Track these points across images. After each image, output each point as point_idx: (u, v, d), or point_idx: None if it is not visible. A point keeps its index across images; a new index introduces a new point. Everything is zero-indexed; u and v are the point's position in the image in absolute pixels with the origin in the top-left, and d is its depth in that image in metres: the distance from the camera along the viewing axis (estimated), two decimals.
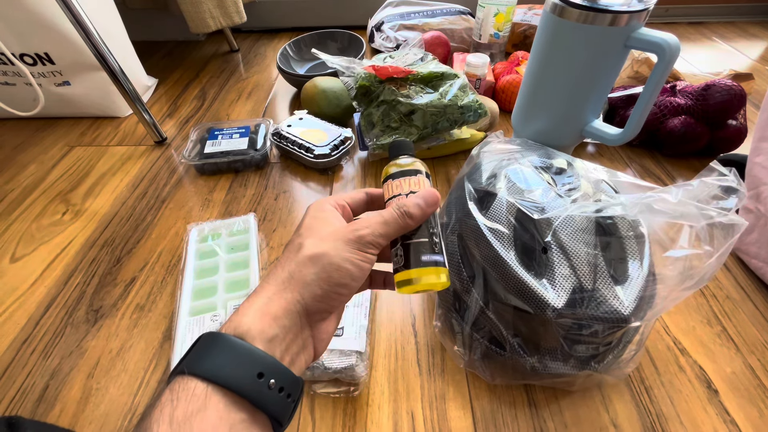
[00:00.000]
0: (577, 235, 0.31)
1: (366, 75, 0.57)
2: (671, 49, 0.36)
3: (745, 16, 1.10)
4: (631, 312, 0.29)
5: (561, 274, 0.30)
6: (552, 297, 0.29)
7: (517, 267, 0.31)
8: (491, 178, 0.37)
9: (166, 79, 0.89)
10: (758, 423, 0.35)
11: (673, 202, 0.29)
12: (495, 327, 0.33)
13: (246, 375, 0.18)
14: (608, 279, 0.30)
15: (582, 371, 0.33)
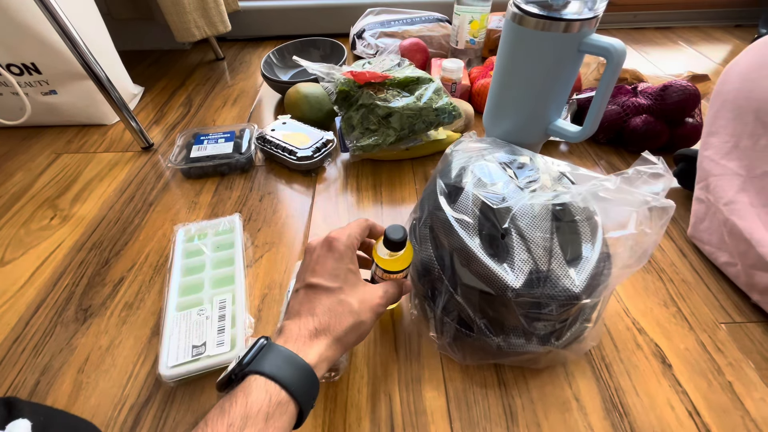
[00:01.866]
0: (534, 223, 0.34)
1: (345, 80, 0.60)
2: (618, 53, 0.40)
3: (709, 21, 1.17)
4: (582, 290, 0.32)
5: (519, 258, 0.33)
6: (511, 279, 0.32)
7: (480, 253, 0.34)
8: (459, 173, 0.40)
9: (152, 87, 0.91)
10: (707, 392, 0.38)
11: (612, 189, 0.32)
12: (463, 310, 0.36)
13: (303, 388, 0.27)
14: (562, 261, 0.33)
15: (543, 348, 0.36)
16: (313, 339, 0.29)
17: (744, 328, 0.43)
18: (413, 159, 0.67)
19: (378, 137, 0.59)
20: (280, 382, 0.25)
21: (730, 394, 0.38)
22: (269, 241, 0.54)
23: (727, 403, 0.37)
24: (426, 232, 0.40)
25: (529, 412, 0.37)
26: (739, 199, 0.45)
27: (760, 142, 0.44)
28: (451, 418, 0.37)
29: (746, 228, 0.43)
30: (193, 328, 0.41)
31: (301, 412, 0.26)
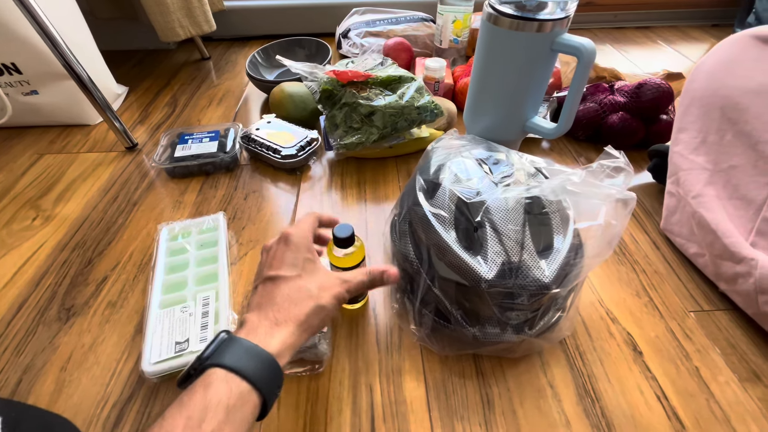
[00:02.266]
0: (507, 216, 0.35)
1: (328, 79, 0.61)
2: (587, 52, 0.41)
3: (687, 20, 1.20)
4: (552, 280, 0.33)
5: (492, 250, 0.34)
6: (484, 270, 0.33)
7: (456, 246, 0.35)
8: (438, 170, 0.41)
9: (137, 87, 0.90)
10: (675, 378, 0.40)
11: (578, 182, 0.33)
12: (440, 302, 0.37)
13: (269, 386, 0.27)
14: (533, 252, 0.34)
15: (517, 337, 0.37)
16: (274, 328, 0.29)
17: (711, 315, 0.45)
18: (397, 157, 0.68)
19: (361, 135, 0.60)
20: (240, 374, 0.25)
21: (697, 379, 0.40)
22: (254, 238, 0.55)
23: (694, 387, 0.39)
24: (405, 227, 0.41)
25: (505, 400, 0.38)
26: (707, 192, 0.47)
27: (726, 138, 0.46)
28: (430, 407, 0.38)
29: (713, 220, 0.45)
30: (177, 325, 0.41)
31: (265, 402, 0.26)
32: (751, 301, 0.42)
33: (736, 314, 0.45)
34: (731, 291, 0.45)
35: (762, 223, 0.42)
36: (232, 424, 0.23)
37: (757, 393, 0.39)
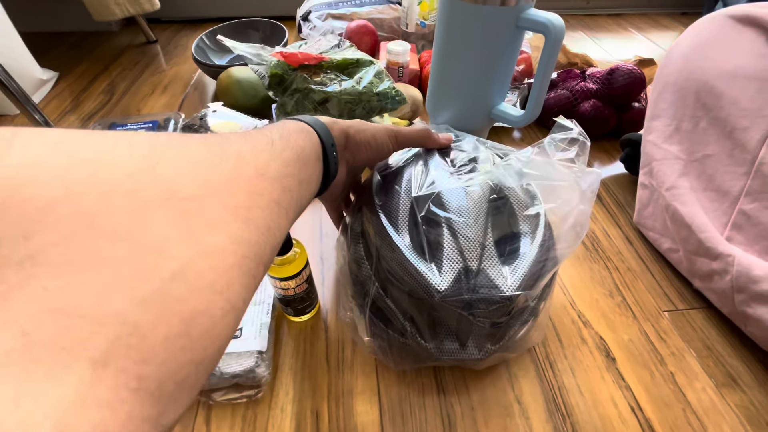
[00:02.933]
0: (466, 213, 0.31)
1: (277, 63, 0.54)
2: (556, 29, 0.37)
3: (658, 8, 1.19)
4: (517, 288, 0.29)
5: (448, 256, 0.30)
6: (437, 280, 0.29)
7: (408, 252, 0.30)
8: (396, 165, 0.36)
9: (69, 73, 0.81)
10: (649, 385, 0.37)
11: (533, 162, 0.29)
12: (393, 314, 0.32)
13: (327, 138, 0.26)
14: (495, 259, 0.30)
15: (480, 353, 0.33)
16: None
17: (686, 315, 0.43)
18: None
19: None
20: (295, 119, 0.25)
21: (672, 386, 0.37)
22: None
23: (669, 396, 0.36)
24: (358, 229, 0.36)
25: (468, 420, 0.34)
26: (681, 183, 0.44)
27: (700, 125, 0.43)
28: None
29: (687, 214, 0.42)
30: None
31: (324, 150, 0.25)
32: (727, 300, 0.39)
33: (711, 313, 0.42)
34: (706, 288, 0.42)
35: (738, 216, 0.40)
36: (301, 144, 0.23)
37: (734, 399, 0.36)
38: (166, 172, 0.14)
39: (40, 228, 0.11)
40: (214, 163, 0.16)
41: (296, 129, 0.24)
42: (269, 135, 0.21)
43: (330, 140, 0.26)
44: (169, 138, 0.16)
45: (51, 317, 0.10)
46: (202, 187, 0.15)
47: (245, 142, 0.19)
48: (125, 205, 0.12)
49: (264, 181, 0.18)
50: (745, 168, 0.39)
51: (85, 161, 0.13)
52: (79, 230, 0.11)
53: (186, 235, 0.13)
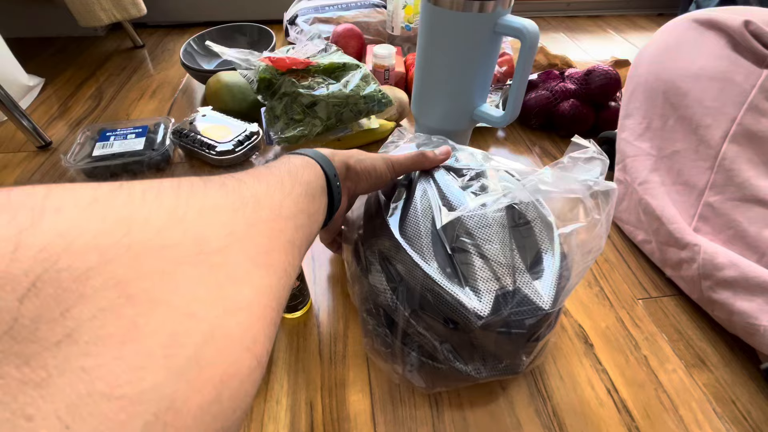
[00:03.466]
0: (490, 234, 0.31)
1: (265, 67, 0.55)
2: (530, 34, 0.39)
3: (635, 9, 1.23)
4: (551, 305, 0.30)
5: (482, 278, 0.30)
6: (477, 305, 0.29)
7: (441, 279, 0.30)
8: (403, 187, 0.36)
9: (56, 78, 0.81)
10: (625, 368, 0.39)
11: (550, 181, 0.30)
12: (427, 342, 0.32)
13: (329, 169, 0.28)
14: (526, 275, 0.31)
15: (519, 367, 0.33)
16: None
17: (659, 302, 0.45)
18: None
19: (303, 128, 0.55)
20: (299, 153, 0.27)
21: (646, 368, 0.39)
22: None
23: (643, 378, 0.39)
24: (374, 257, 0.34)
25: (455, 405, 0.36)
26: (652, 178, 0.46)
27: (669, 123, 0.46)
28: (376, 422, 0.35)
29: (658, 206, 0.45)
30: None
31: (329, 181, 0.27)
32: (695, 287, 0.42)
33: (681, 299, 0.45)
34: (676, 276, 0.45)
35: (704, 208, 0.42)
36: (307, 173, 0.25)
37: (702, 379, 0.39)
38: (193, 225, 0.15)
39: (76, 301, 0.11)
40: (235, 207, 0.17)
41: (302, 164, 0.25)
42: (278, 173, 0.22)
43: (332, 171, 0.28)
44: (191, 184, 0.16)
45: (91, 404, 0.10)
46: (226, 237, 0.16)
47: (259, 183, 0.20)
48: (157, 266, 0.13)
49: (280, 222, 0.19)
50: (709, 163, 0.42)
51: (118, 222, 0.13)
52: (114, 300, 0.12)
53: (214, 292, 0.14)
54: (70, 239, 0.11)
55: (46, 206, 0.12)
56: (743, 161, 0.40)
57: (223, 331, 0.14)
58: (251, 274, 0.16)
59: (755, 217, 0.39)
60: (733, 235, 0.40)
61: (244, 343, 0.14)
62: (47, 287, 0.11)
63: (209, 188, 0.17)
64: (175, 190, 0.16)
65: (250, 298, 0.15)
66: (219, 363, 0.13)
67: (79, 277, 0.11)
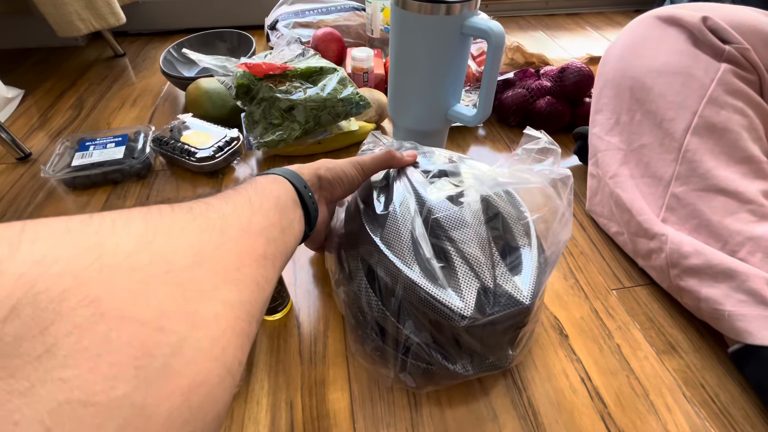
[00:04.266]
0: (470, 233, 0.31)
1: (243, 73, 0.56)
2: (495, 35, 0.40)
3: (613, 6, 1.25)
4: (531, 296, 0.31)
5: (463, 278, 0.30)
6: (460, 305, 0.29)
7: (422, 281, 0.30)
8: (381, 189, 0.37)
9: (36, 89, 0.80)
10: (598, 357, 0.40)
11: (506, 172, 0.31)
12: (414, 343, 0.32)
13: (299, 182, 0.29)
14: (506, 273, 0.31)
15: (507, 359, 0.34)
16: None
17: (632, 292, 0.46)
18: (327, 153, 0.64)
19: (282, 132, 0.56)
20: (267, 173, 0.28)
21: (618, 356, 0.40)
22: None
23: (616, 366, 0.40)
24: (357, 263, 0.35)
25: (433, 399, 0.37)
26: (622, 172, 0.48)
27: (636, 118, 0.47)
28: (355, 418, 0.36)
29: (628, 199, 0.46)
30: None
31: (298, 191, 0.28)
32: (665, 275, 0.43)
33: (653, 289, 0.46)
34: (647, 266, 0.46)
35: (671, 199, 0.44)
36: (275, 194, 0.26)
37: (672, 365, 0.40)
38: (161, 248, 0.16)
39: (54, 320, 0.12)
40: (202, 229, 0.18)
41: (269, 181, 0.27)
42: (246, 193, 0.23)
43: (302, 183, 0.29)
44: (159, 211, 0.18)
45: (69, 410, 0.11)
46: (194, 257, 0.17)
47: (226, 204, 0.21)
48: (128, 285, 0.14)
49: (249, 238, 0.20)
50: (673, 155, 0.43)
51: (90, 248, 0.14)
52: (89, 317, 0.13)
53: (182, 307, 0.15)
54: (46, 266, 0.13)
55: (22, 239, 0.13)
56: (705, 152, 0.41)
57: (192, 343, 0.15)
58: (220, 289, 0.17)
59: (717, 206, 0.40)
60: (698, 225, 0.41)
61: (212, 353, 0.15)
62: (27, 309, 0.12)
63: (177, 213, 0.18)
64: (143, 217, 0.17)
65: (218, 311, 0.16)
66: (187, 372, 0.14)
67: (55, 298, 0.12)
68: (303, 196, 0.28)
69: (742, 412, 0.36)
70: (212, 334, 0.16)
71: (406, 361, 0.33)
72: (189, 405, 0.14)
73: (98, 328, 0.13)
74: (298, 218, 0.27)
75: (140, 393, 0.13)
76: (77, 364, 0.12)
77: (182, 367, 0.14)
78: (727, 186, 0.40)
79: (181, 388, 0.14)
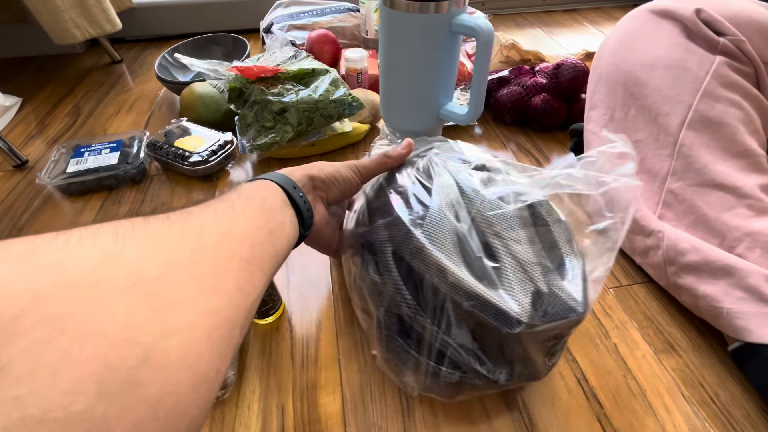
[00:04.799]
0: (521, 235, 0.29)
1: (235, 77, 0.56)
2: (484, 32, 0.39)
3: (611, 1, 1.24)
4: (584, 307, 0.29)
5: (517, 280, 0.28)
6: (516, 309, 0.27)
7: (472, 281, 0.28)
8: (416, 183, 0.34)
9: (34, 97, 0.81)
10: (595, 357, 0.40)
11: (579, 177, 0.29)
12: (451, 349, 0.30)
13: (287, 183, 0.28)
14: (556, 276, 0.29)
15: (545, 369, 0.32)
16: None
17: (629, 290, 0.46)
18: (322, 155, 0.64)
19: (275, 134, 0.56)
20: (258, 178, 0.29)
21: (615, 356, 0.40)
22: None
23: (612, 365, 0.39)
24: (387, 258, 0.31)
25: (425, 403, 0.36)
26: None
27: (630, 113, 0.47)
28: (346, 422, 0.35)
29: None
30: None
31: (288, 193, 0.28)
32: (662, 273, 0.42)
33: (651, 286, 0.46)
34: (645, 264, 0.45)
35: (667, 195, 0.43)
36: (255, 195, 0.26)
37: (671, 363, 0.39)
38: (130, 259, 0.15)
39: (10, 338, 0.12)
40: (177, 237, 0.18)
41: (254, 185, 0.27)
42: (228, 199, 0.23)
43: (291, 183, 0.28)
44: (132, 224, 0.17)
45: (23, 427, 0.11)
46: (167, 266, 0.16)
47: (207, 211, 0.21)
48: (91, 299, 0.14)
49: (230, 242, 0.20)
50: (669, 150, 0.43)
51: (51, 267, 0.14)
52: (49, 333, 0.12)
53: (151, 317, 0.15)
54: (3, 288, 0.13)
55: None
56: (700, 147, 0.41)
57: (159, 353, 0.14)
58: (195, 297, 0.17)
59: (714, 201, 0.39)
60: (695, 220, 0.41)
61: (184, 362, 0.15)
62: None
63: (151, 224, 0.18)
64: (113, 231, 0.16)
65: (191, 319, 0.16)
66: (154, 383, 0.14)
67: (12, 318, 0.12)
68: (293, 197, 0.28)
69: (742, 412, 0.36)
70: (183, 342, 0.15)
71: (439, 368, 0.30)
72: (156, 416, 0.14)
73: (57, 344, 0.12)
74: (288, 219, 0.27)
75: (101, 406, 0.12)
76: (33, 381, 0.12)
77: (148, 378, 0.14)
78: (724, 181, 0.39)
79: (147, 400, 0.14)
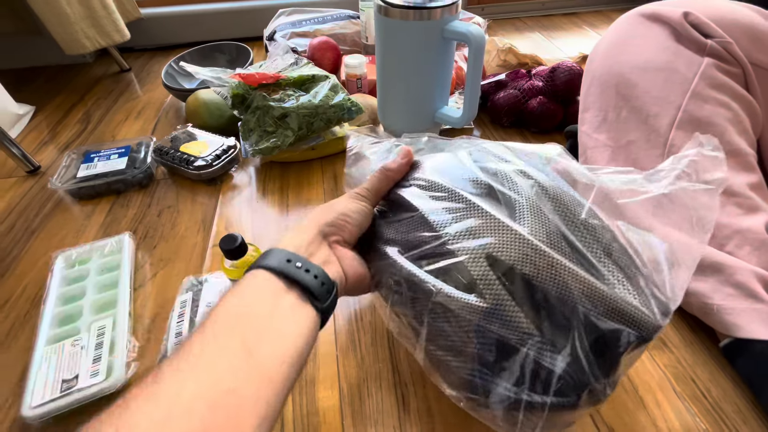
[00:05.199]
0: (617, 245, 0.27)
1: (237, 84, 0.58)
2: (475, 38, 0.41)
3: (610, 5, 1.25)
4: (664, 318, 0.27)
5: (637, 284, 0.26)
6: (649, 314, 0.25)
7: (599, 284, 0.25)
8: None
9: (46, 105, 0.84)
10: None
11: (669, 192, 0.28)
12: (568, 374, 0.24)
13: (279, 260, 0.26)
14: (642, 278, 0.27)
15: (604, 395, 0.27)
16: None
17: None
18: (322, 158, 0.66)
19: (276, 139, 0.57)
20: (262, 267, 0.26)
21: None
22: (165, 257, 0.51)
23: None
24: (483, 269, 0.25)
25: (421, 398, 0.37)
26: None
27: (622, 114, 0.48)
28: (343, 415, 0.36)
29: None
30: (65, 361, 0.38)
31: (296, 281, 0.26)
32: None
33: None
34: None
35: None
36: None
37: (663, 360, 0.40)
38: None
39: None
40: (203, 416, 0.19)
41: (236, 291, 0.25)
42: (241, 334, 0.22)
43: (283, 258, 0.26)
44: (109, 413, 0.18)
45: None
46: None
47: (193, 375, 0.20)
48: None
49: (232, 409, 0.19)
50: (659, 150, 0.44)
51: None
52: None
53: None
54: None
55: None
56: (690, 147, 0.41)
57: None
58: None
59: None
60: None
61: None
62: None
63: (195, 399, 0.19)
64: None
65: None
66: None
67: None
68: (288, 275, 0.25)
69: (734, 407, 0.36)
70: None
71: (545, 401, 0.25)
72: None
73: None
74: (288, 307, 0.25)
75: None
76: None
77: None
78: None
79: None
